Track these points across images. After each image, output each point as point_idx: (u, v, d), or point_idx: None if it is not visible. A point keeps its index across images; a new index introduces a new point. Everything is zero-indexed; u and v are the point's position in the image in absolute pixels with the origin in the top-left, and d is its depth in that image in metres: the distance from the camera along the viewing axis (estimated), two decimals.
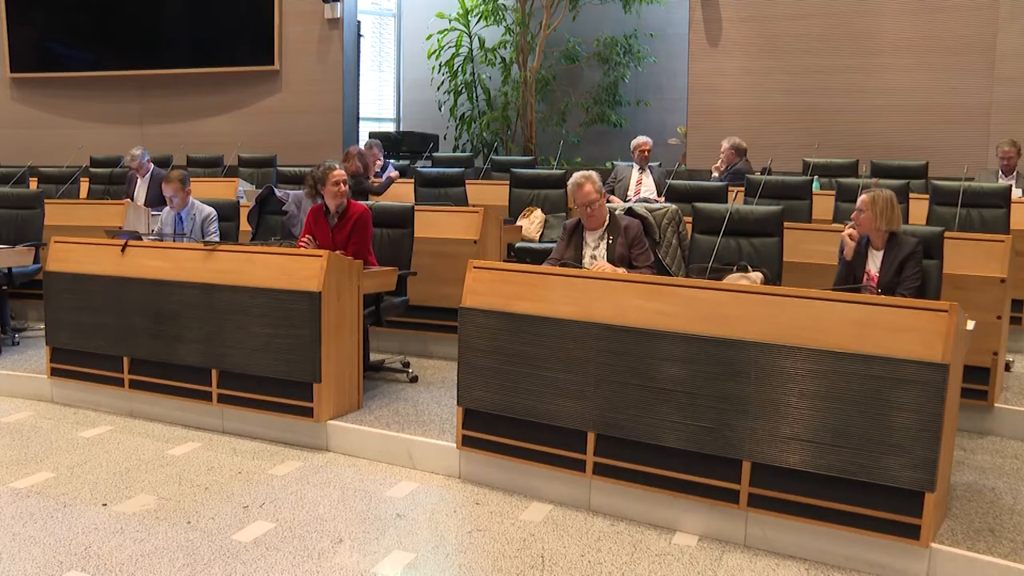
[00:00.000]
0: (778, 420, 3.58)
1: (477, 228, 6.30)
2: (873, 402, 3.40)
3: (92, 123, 13.02)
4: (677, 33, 11.99)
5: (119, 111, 12.94)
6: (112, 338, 5.51)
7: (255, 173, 10.05)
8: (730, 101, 10.45)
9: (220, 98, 12.46)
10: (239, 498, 4.19)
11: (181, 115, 12.65)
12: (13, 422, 5.46)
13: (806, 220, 6.91)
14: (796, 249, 5.67)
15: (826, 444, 3.49)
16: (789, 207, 6.13)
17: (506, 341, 4.22)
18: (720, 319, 3.75)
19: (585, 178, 5.02)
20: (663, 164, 9.25)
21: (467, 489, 4.33)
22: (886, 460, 3.38)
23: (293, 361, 4.84)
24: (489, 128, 13.11)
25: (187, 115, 12.64)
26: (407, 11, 14.64)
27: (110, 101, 13.00)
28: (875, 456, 3.40)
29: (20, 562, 3.56)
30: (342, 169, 5.63)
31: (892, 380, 3.36)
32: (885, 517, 3.42)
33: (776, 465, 3.59)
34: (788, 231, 5.55)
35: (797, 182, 7.41)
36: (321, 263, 4.80)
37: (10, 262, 6.89)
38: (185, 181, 6.28)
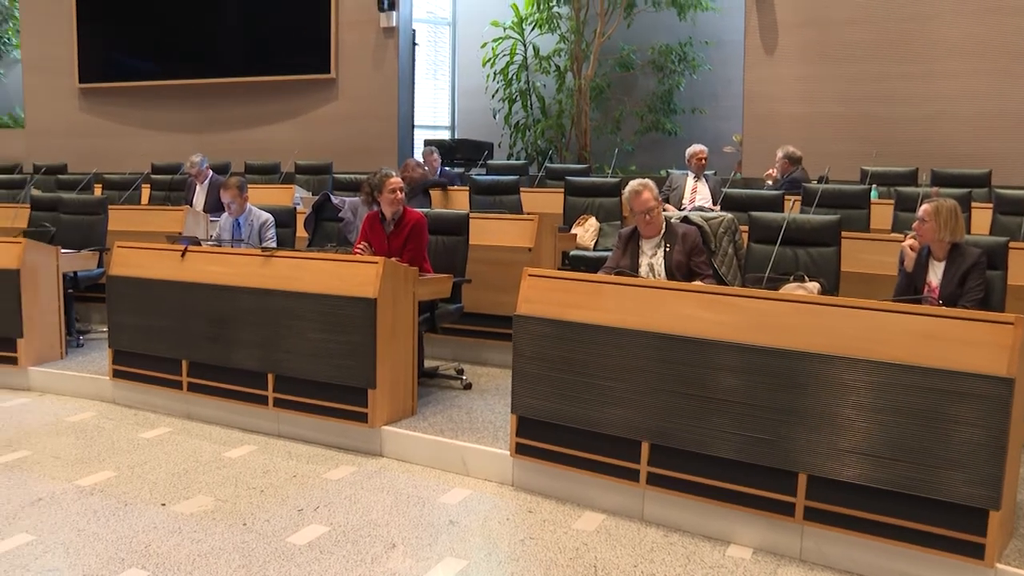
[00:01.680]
0: (835, 432, 3.53)
1: (531, 236, 6.31)
2: (934, 416, 3.33)
3: (154, 131, 13.27)
4: (732, 40, 11.90)
5: (180, 119, 13.17)
6: (171, 341, 5.60)
7: (311, 180, 10.15)
8: (786, 108, 10.34)
9: (278, 106, 12.61)
10: (294, 501, 4.23)
11: (239, 123, 12.83)
12: (77, 421, 5.58)
13: (864, 230, 6.81)
14: (854, 259, 5.60)
15: (885, 458, 3.42)
16: (847, 216, 6.04)
17: (560, 349, 4.21)
18: (776, 329, 3.71)
19: (643, 186, 5.00)
20: (718, 172, 9.19)
21: (520, 497, 4.32)
22: (948, 476, 3.31)
23: (348, 367, 4.88)
24: (543, 136, 13.14)
25: (245, 123, 12.82)
26: (462, 20, 14.72)
27: (171, 109, 13.24)
28: (936, 471, 3.33)
29: (84, 557, 3.65)
30: (399, 177, 5.67)
31: (954, 394, 3.29)
32: (947, 535, 3.33)
33: (833, 478, 3.53)
34: (846, 241, 5.48)
35: (855, 191, 7.31)
36: (377, 269, 4.84)
37: (76, 266, 7.05)
38: (243, 187, 6.37)
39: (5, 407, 5.93)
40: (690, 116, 12.91)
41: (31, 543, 3.79)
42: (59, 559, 3.65)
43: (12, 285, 6.32)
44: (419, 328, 5.24)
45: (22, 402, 6.06)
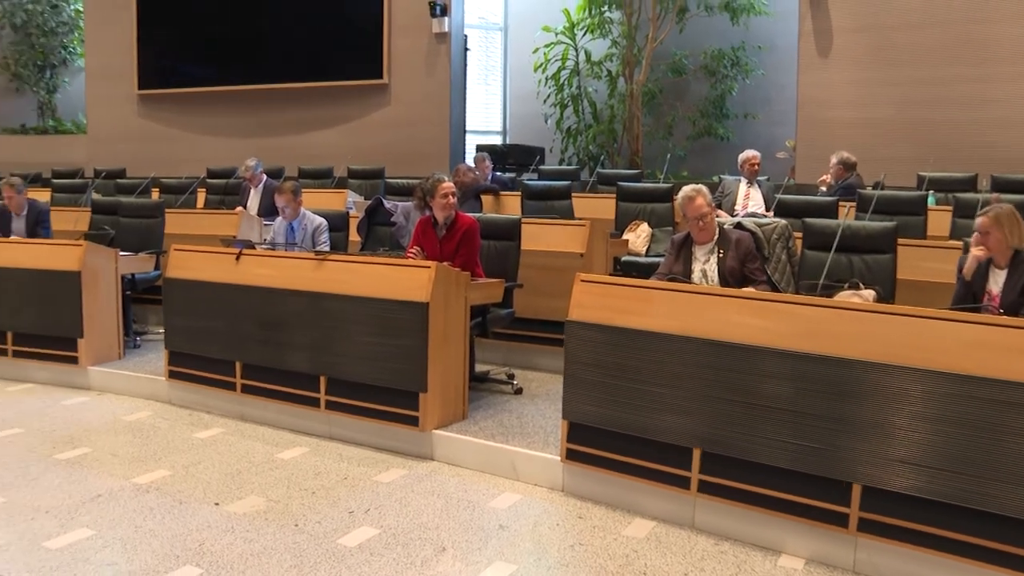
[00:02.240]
0: (889, 443, 3.46)
1: (583, 241, 6.29)
2: (992, 427, 3.25)
3: (210, 136, 13.47)
4: (786, 45, 11.78)
5: (235, 124, 13.35)
6: (225, 343, 5.67)
7: (364, 184, 10.24)
8: (841, 113, 10.20)
9: (331, 111, 12.73)
10: (345, 503, 4.26)
11: (293, 128, 12.97)
12: (134, 421, 5.68)
13: (921, 237, 6.71)
14: (910, 267, 5.51)
15: (940, 469, 3.35)
16: (903, 223, 5.95)
17: (612, 355, 4.19)
18: (830, 337, 3.66)
19: (696, 191, 4.97)
20: (771, 178, 9.10)
21: (570, 502, 4.31)
22: (1007, 490, 3.23)
23: (400, 370, 4.91)
24: (595, 141, 13.11)
25: (299, 128, 12.95)
26: (513, 25, 14.75)
27: (227, 115, 13.42)
28: (994, 485, 3.25)
29: (141, 553, 3.71)
30: (451, 182, 5.69)
31: (1012, 405, 3.21)
32: (1007, 551, 3.25)
33: (888, 489, 3.47)
34: (902, 248, 5.41)
35: (911, 197, 7.20)
36: (429, 274, 4.86)
37: (133, 268, 7.18)
38: (297, 192, 6.43)
39: (66, 405, 6.06)
40: (743, 121, 12.79)
41: (91, 537, 3.87)
42: (117, 554, 3.72)
43: (73, 287, 6.46)
44: (470, 332, 5.26)
45: (82, 400, 6.18)
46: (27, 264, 6.67)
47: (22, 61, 15.99)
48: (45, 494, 4.38)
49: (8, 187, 7.68)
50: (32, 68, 16.11)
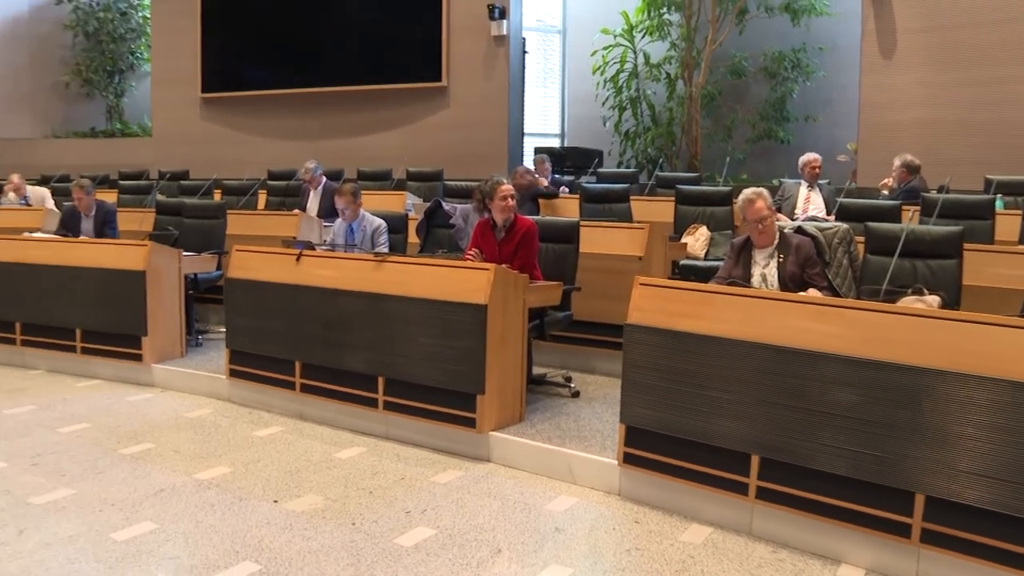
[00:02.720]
0: (955, 452, 3.38)
1: (642, 244, 6.26)
2: None
3: (270, 138, 13.65)
4: (848, 46, 11.60)
5: (295, 127, 13.51)
6: (285, 343, 5.74)
7: (422, 187, 10.30)
8: (904, 115, 10.02)
9: (390, 113, 12.82)
10: (402, 503, 4.28)
11: (352, 130, 13.09)
12: (195, 418, 5.78)
13: (988, 241, 6.55)
14: (977, 272, 5.39)
15: (1007, 481, 3.26)
16: (969, 227, 5.81)
17: (670, 359, 4.16)
18: (893, 343, 3.58)
19: (756, 194, 4.91)
20: (832, 181, 8.96)
21: (626, 507, 4.29)
22: None
23: (457, 372, 4.92)
24: (654, 144, 13.04)
25: (358, 130, 13.07)
26: (572, 28, 14.74)
27: (287, 117, 13.60)
28: None
29: (202, 547, 3.77)
30: (510, 184, 5.70)
31: None
32: None
33: (953, 500, 3.39)
34: (968, 253, 5.29)
35: (978, 201, 7.04)
36: (488, 276, 4.87)
37: (196, 268, 7.29)
38: (357, 194, 6.48)
39: (131, 401, 6.18)
40: (803, 124, 12.63)
41: (155, 531, 3.94)
42: (179, 548, 3.78)
43: (138, 286, 6.59)
44: (528, 335, 5.26)
45: (146, 397, 6.30)
46: (95, 263, 6.83)
47: (93, 67, 16.38)
48: (111, 487, 4.48)
49: (78, 188, 7.88)
50: (102, 74, 16.50)
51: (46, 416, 5.80)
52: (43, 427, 5.55)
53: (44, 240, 7.49)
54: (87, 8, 16.34)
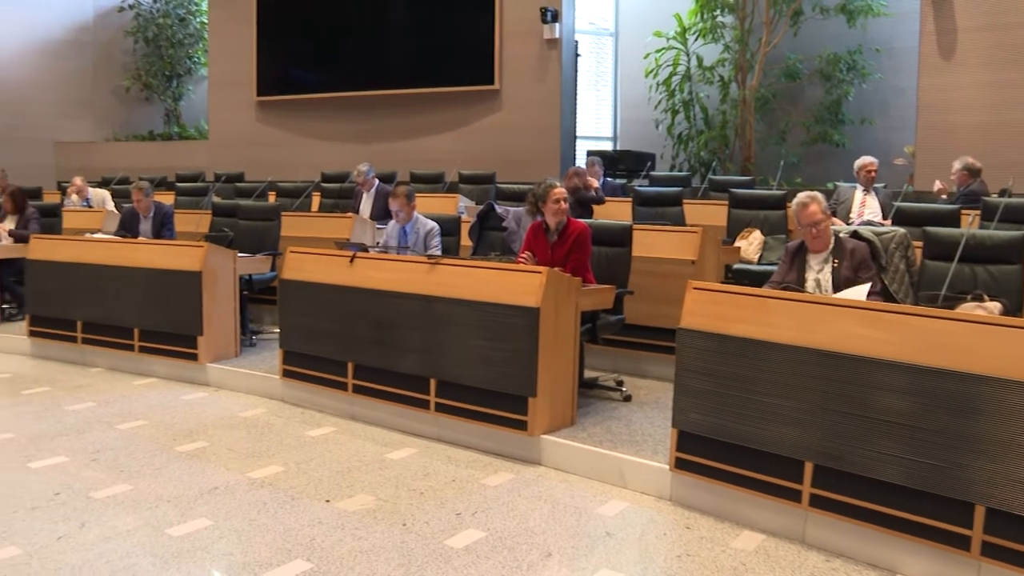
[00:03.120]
0: (1016, 463, 3.30)
1: (695, 248, 6.21)
2: None
3: (324, 141, 13.78)
4: (905, 47, 11.42)
5: (348, 129, 13.61)
6: (338, 344, 5.78)
7: (474, 189, 10.33)
8: (964, 117, 9.81)
9: (442, 116, 12.87)
10: (452, 505, 4.29)
11: (405, 133, 13.16)
12: (249, 417, 5.85)
13: None
14: None
15: None
16: None
17: (723, 364, 4.13)
18: (952, 351, 3.51)
19: (810, 198, 4.85)
20: (888, 185, 8.82)
21: (677, 512, 4.26)
22: None
23: (509, 374, 4.92)
24: (707, 147, 12.94)
25: (410, 133, 13.13)
26: (624, 31, 14.69)
27: (340, 120, 13.70)
28: None
29: (255, 545, 3.82)
30: (563, 187, 5.69)
31: None
32: None
33: (1015, 513, 3.31)
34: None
35: None
36: (540, 279, 4.86)
37: (251, 269, 7.38)
38: (410, 196, 6.51)
39: (186, 400, 6.28)
40: (859, 127, 12.45)
41: (209, 527, 4.00)
42: (233, 545, 3.83)
43: (194, 286, 6.69)
44: (580, 338, 5.24)
45: (200, 396, 6.39)
46: (152, 264, 6.95)
47: (152, 72, 16.71)
48: (167, 484, 4.55)
49: (137, 190, 8.02)
50: (160, 78, 16.81)
51: (105, 413, 5.92)
52: (102, 423, 5.66)
53: (104, 241, 7.64)
54: (148, 15, 16.67)
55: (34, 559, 3.68)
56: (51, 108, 15.84)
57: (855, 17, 11.91)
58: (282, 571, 3.58)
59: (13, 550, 3.77)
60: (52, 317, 7.54)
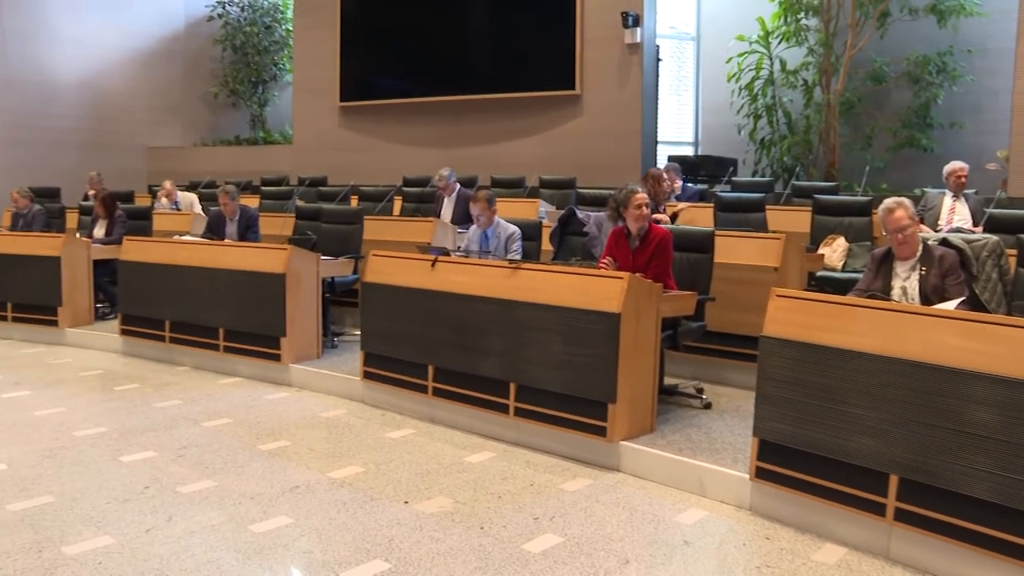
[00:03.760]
0: None
1: (778, 255, 6.11)
2: None
3: (406, 145, 13.92)
4: (1000, 48, 11.08)
5: (430, 134, 13.73)
6: (418, 347, 5.83)
7: (555, 194, 10.33)
8: None
9: (523, 121, 12.90)
10: (530, 509, 4.29)
11: (486, 138, 13.22)
12: (330, 418, 5.93)
13: None
14: None
15: None
16: None
17: (806, 373, 4.05)
18: None
19: (897, 203, 4.74)
20: (979, 191, 8.58)
21: (757, 522, 4.19)
22: None
23: (589, 380, 4.90)
24: (790, 152, 12.74)
25: (491, 138, 13.19)
26: (706, 35, 14.55)
27: (422, 125, 13.83)
28: None
29: (334, 544, 3.87)
30: (644, 193, 5.66)
31: None
32: None
33: None
34: None
35: None
36: (621, 285, 4.84)
37: (333, 272, 7.50)
38: (491, 201, 6.54)
39: (269, 399, 6.40)
40: (948, 131, 12.12)
41: (289, 525, 4.07)
42: (312, 543, 3.89)
43: (278, 288, 6.81)
44: (661, 345, 5.20)
45: (283, 396, 6.51)
46: (238, 266, 7.10)
47: (239, 78, 17.10)
48: (250, 481, 4.65)
49: (223, 194, 8.21)
50: (247, 84, 17.19)
51: (191, 410, 6.07)
52: (188, 420, 5.80)
53: (192, 243, 7.83)
54: (235, 24, 17.07)
55: (125, 549, 3.80)
56: (144, 115, 16.33)
57: (946, 17, 11.59)
58: (360, 570, 3.62)
59: (107, 539, 3.90)
60: (142, 316, 7.77)
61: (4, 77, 14.18)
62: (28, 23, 14.49)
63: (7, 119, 14.23)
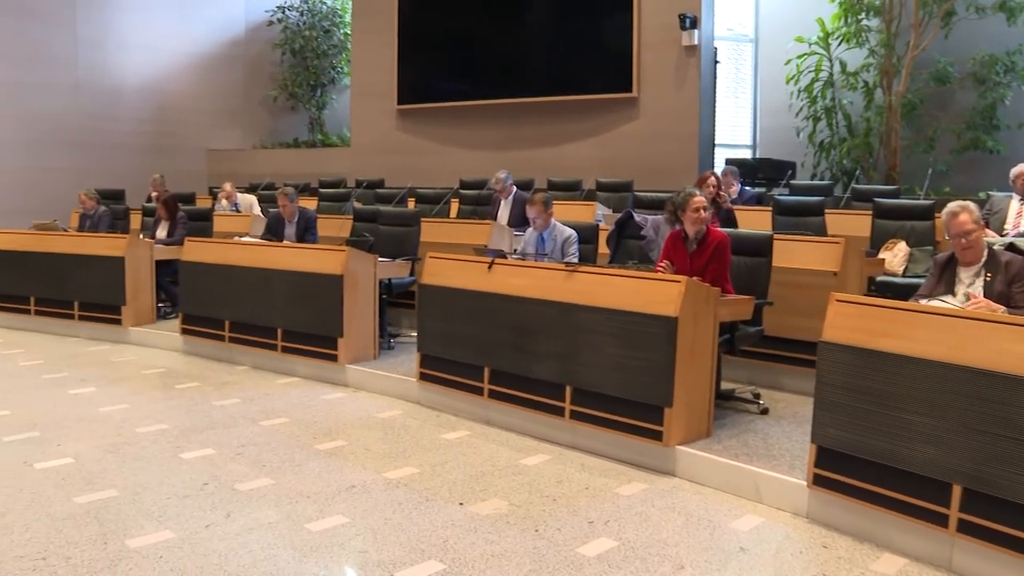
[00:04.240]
0: None
1: (837, 260, 6.03)
2: None
3: (462, 148, 13.98)
4: None
5: (486, 137, 13.77)
6: (475, 349, 5.85)
7: (612, 197, 10.31)
8: None
9: (580, 124, 12.88)
10: (585, 513, 4.29)
11: (542, 140, 13.22)
12: (386, 418, 5.98)
13: None
14: None
15: None
16: None
17: (866, 379, 3.99)
18: None
19: (961, 207, 4.64)
20: None
21: (814, 530, 4.14)
22: None
23: (645, 384, 4.88)
24: (849, 155, 12.54)
25: (548, 140, 13.19)
26: (764, 36, 14.39)
27: (478, 128, 13.88)
28: None
29: (389, 544, 3.90)
30: (702, 196, 5.62)
31: None
32: None
33: None
34: None
35: None
36: (679, 288, 4.81)
37: (390, 274, 7.55)
38: (548, 203, 6.54)
39: (326, 399, 6.47)
40: (1016, 132, 11.82)
41: (345, 524, 4.11)
42: (368, 542, 3.92)
43: (336, 289, 6.87)
44: (718, 349, 5.16)
45: (339, 396, 6.58)
46: (296, 267, 7.18)
47: (298, 82, 17.32)
48: (307, 480, 4.70)
49: (282, 196, 8.32)
50: (306, 88, 17.41)
51: (249, 409, 6.16)
52: (247, 419, 5.89)
53: (251, 244, 7.94)
54: (295, 28, 17.30)
55: (185, 544, 3.88)
56: (205, 118, 16.61)
57: (1016, 15, 11.30)
58: (415, 571, 3.65)
59: (168, 534, 3.98)
60: (202, 316, 7.90)
61: (74, 83, 14.53)
62: (99, 31, 14.84)
63: (76, 123, 14.58)
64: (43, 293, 9.21)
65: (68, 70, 14.41)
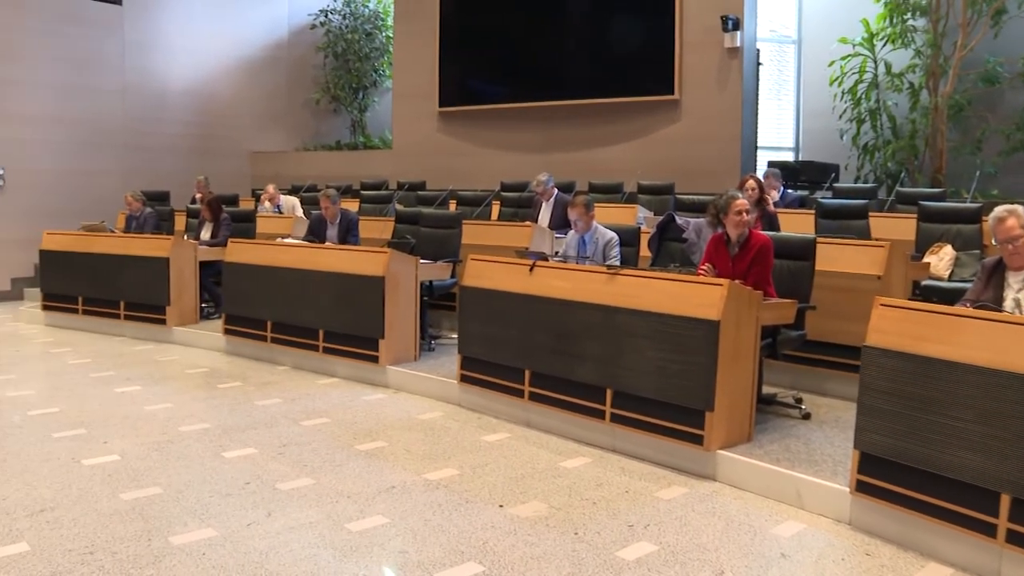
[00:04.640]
0: None
1: (881, 263, 5.97)
2: None
3: (503, 150, 13.98)
4: None
5: (527, 139, 13.77)
6: (516, 352, 5.86)
7: (653, 200, 10.27)
8: None
9: (620, 127, 12.83)
10: (624, 516, 4.28)
11: (583, 143, 13.19)
12: (427, 420, 6.01)
13: None
14: None
15: None
16: None
17: (911, 385, 3.94)
18: None
19: (1008, 212, 4.56)
20: None
21: (857, 537, 4.10)
22: None
23: (686, 387, 4.86)
24: (894, 158, 12.38)
25: (589, 143, 13.15)
26: (808, 38, 14.26)
27: (520, 130, 13.87)
28: None
29: (429, 545, 3.92)
30: (745, 199, 5.59)
31: None
32: None
33: None
34: None
35: None
36: (721, 292, 4.79)
37: (432, 276, 7.58)
38: (589, 206, 6.52)
39: (367, 400, 6.51)
40: None
41: (385, 525, 4.14)
42: (408, 543, 3.94)
43: (377, 291, 6.92)
44: (760, 353, 5.13)
45: (380, 397, 6.62)
46: (338, 268, 7.24)
47: (340, 84, 17.43)
48: (347, 480, 4.74)
49: (325, 198, 8.38)
50: (348, 90, 17.51)
51: (290, 409, 6.21)
52: (288, 419, 5.94)
53: (294, 246, 8.01)
54: (337, 31, 17.42)
55: (227, 541, 3.92)
56: (248, 120, 16.76)
57: None
58: (454, 572, 3.66)
59: (210, 531, 4.03)
60: (245, 316, 7.99)
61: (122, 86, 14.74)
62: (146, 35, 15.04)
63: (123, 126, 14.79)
64: (90, 293, 9.38)
65: (116, 75, 14.63)
